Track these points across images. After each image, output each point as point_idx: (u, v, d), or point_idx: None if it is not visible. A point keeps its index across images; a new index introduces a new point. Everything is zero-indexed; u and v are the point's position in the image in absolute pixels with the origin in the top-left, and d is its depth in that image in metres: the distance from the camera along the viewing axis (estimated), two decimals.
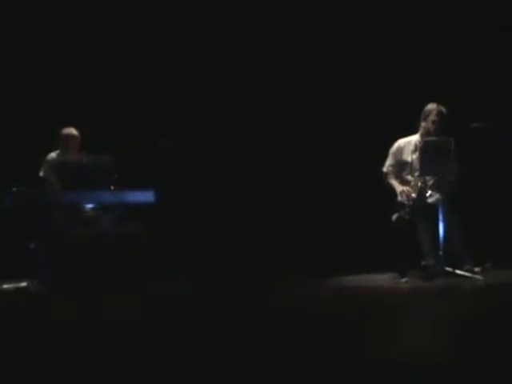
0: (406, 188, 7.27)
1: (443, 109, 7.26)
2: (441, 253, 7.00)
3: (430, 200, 7.17)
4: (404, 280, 7.01)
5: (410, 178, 7.36)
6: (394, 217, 7.18)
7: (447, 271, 6.97)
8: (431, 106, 7.29)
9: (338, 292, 6.74)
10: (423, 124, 7.35)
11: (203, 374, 3.86)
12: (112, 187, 7.14)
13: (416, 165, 7.29)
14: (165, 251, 7.37)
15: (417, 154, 7.30)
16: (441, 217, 7.04)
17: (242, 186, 8.54)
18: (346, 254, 7.60)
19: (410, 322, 4.83)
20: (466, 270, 6.99)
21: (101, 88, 8.62)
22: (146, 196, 7.14)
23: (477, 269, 7.05)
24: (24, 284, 7.14)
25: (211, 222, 8.44)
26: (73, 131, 7.67)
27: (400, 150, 7.48)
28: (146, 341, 4.41)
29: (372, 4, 8.62)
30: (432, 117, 7.27)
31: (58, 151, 7.73)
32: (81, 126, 7.75)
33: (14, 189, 6.99)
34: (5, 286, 7.20)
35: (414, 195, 7.18)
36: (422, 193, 7.17)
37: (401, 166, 7.46)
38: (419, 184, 7.19)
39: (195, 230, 8.37)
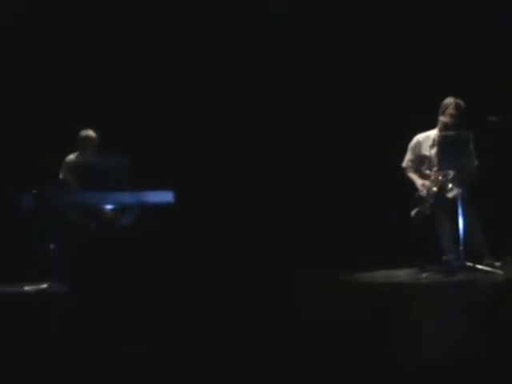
0: (426, 182, 7.25)
1: (461, 102, 7.26)
2: (461, 247, 6.97)
3: (449, 194, 7.12)
4: (425, 275, 6.98)
5: (429, 172, 7.35)
6: (414, 212, 7.18)
7: (468, 266, 6.94)
8: (449, 100, 7.29)
9: (359, 288, 6.70)
10: (441, 118, 7.35)
11: None
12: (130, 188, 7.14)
13: (435, 159, 7.29)
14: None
15: (435, 148, 7.29)
16: (460, 211, 7.01)
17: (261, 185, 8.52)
18: (366, 251, 7.59)
19: (432, 318, 4.80)
20: (486, 265, 6.96)
21: (119, 88, 8.61)
22: (165, 196, 7.11)
23: (497, 263, 7.03)
24: (45, 285, 7.18)
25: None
26: (91, 133, 7.75)
27: (419, 144, 7.48)
28: None
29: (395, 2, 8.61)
30: (450, 111, 7.27)
31: (76, 153, 7.81)
32: (99, 127, 7.79)
33: (34, 191, 6.98)
34: (26, 288, 7.24)
35: (434, 189, 7.16)
36: (442, 187, 7.14)
37: (420, 161, 7.46)
38: (439, 178, 7.18)
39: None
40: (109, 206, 7.33)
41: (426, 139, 7.46)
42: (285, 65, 8.77)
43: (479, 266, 6.93)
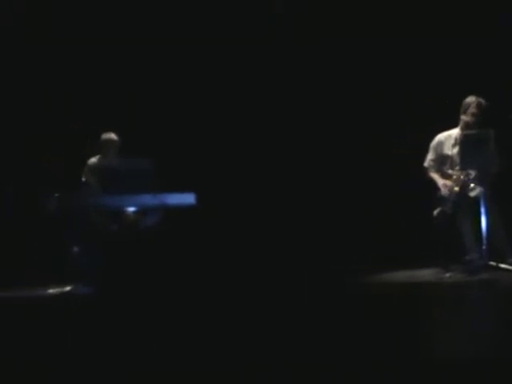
0: (448, 182, 7.20)
1: (482, 101, 7.18)
2: (484, 247, 6.90)
3: (472, 193, 7.07)
4: (448, 275, 6.92)
5: (451, 171, 7.28)
6: (436, 211, 7.12)
7: (491, 265, 6.88)
8: (470, 99, 7.22)
9: (383, 289, 6.69)
10: (463, 117, 7.27)
11: None
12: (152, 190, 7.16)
13: (457, 158, 7.21)
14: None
15: (457, 147, 7.23)
16: (483, 210, 6.94)
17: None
18: (389, 251, 7.60)
19: (455, 317, 4.77)
20: (509, 264, 6.89)
21: (141, 90, 8.66)
22: (187, 198, 7.11)
23: None
24: (69, 288, 7.24)
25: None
26: (112, 136, 7.75)
27: (440, 144, 7.41)
28: None
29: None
30: (471, 109, 7.20)
31: (98, 156, 7.82)
32: (120, 129, 7.80)
33: (57, 194, 7.04)
34: (50, 291, 7.30)
35: (456, 189, 7.09)
36: (464, 186, 7.09)
37: (442, 160, 7.38)
38: (461, 178, 7.11)
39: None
40: (131, 209, 7.34)
41: (448, 138, 7.38)
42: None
43: (502, 265, 6.86)
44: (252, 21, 8.73)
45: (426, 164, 7.46)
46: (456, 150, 7.26)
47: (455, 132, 7.37)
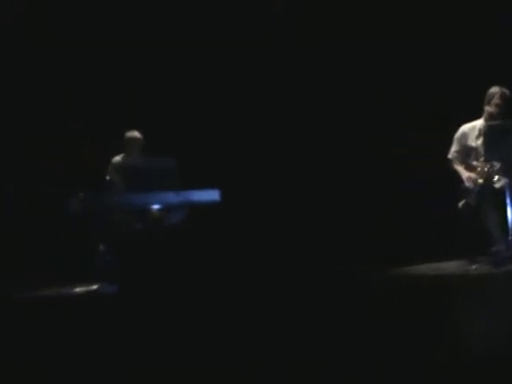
0: (472, 174, 7.12)
1: (506, 91, 7.11)
2: (510, 238, 6.82)
3: (497, 185, 6.99)
4: (474, 267, 6.86)
5: (475, 163, 7.19)
6: (461, 203, 7.05)
7: None
8: (494, 89, 7.14)
9: (410, 281, 6.65)
10: (487, 108, 7.19)
11: None
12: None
13: (481, 150, 7.12)
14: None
15: (481, 138, 7.13)
16: (508, 201, 6.86)
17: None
18: (414, 243, 7.62)
19: (482, 309, 4.75)
20: None
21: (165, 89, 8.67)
22: (212, 194, 7.10)
23: None
24: (95, 287, 7.23)
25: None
26: (136, 134, 7.72)
27: (464, 135, 7.32)
28: None
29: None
30: (495, 100, 7.11)
31: (122, 154, 7.79)
32: (143, 127, 7.78)
33: (81, 193, 6.99)
34: (76, 290, 7.32)
35: (480, 181, 6.99)
36: (488, 178, 6.99)
37: (466, 152, 7.29)
38: (486, 169, 7.00)
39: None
40: (156, 206, 7.27)
41: (472, 130, 7.29)
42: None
43: None
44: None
45: (450, 156, 7.36)
46: (480, 141, 7.16)
47: (479, 123, 7.28)
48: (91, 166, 8.57)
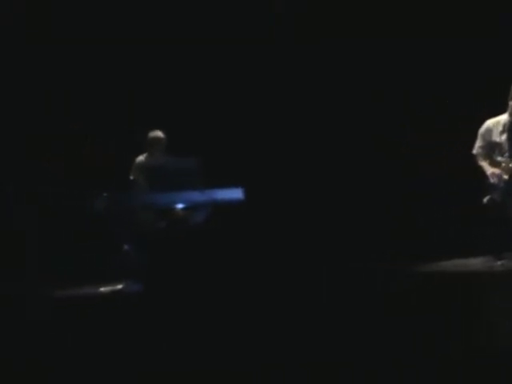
0: (496, 170, 7.06)
1: None
2: None
3: None
4: (500, 263, 6.83)
5: (500, 159, 7.13)
6: (486, 199, 7.01)
7: None
8: None
9: (436, 278, 6.67)
10: (511, 103, 7.11)
11: None
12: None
13: (505, 145, 7.08)
14: None
15: (506, 134, 7.08)
16: None
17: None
18: (437, 240, 7.67)
19: (507, 306, 4.74)
20: None
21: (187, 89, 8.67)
22: (235, 193, 7.10)
23: None
24: (120, 286, 7.25)
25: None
26: (159, 134, 7.67)
27: (489, 130, 7.23)
28: None
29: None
30: None
31: (145, 154, 7.76)
32: (167, 127, 7.75)
33: (105, 193, 7.04)
34: (101, 289, 7.34)
35: (505, 177, 6.97)
36: None
37: (490, 148, 7.20)
38: (510, 165, 6.98)
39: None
40: (179, 206, 7.28)
41: (496, 125, 7.20)
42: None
43: None
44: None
45: (474, 151, 7.27)
46: (504, 136, 7.11)
47: (504, 118, 7.20)
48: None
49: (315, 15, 8.77)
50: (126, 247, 7.33)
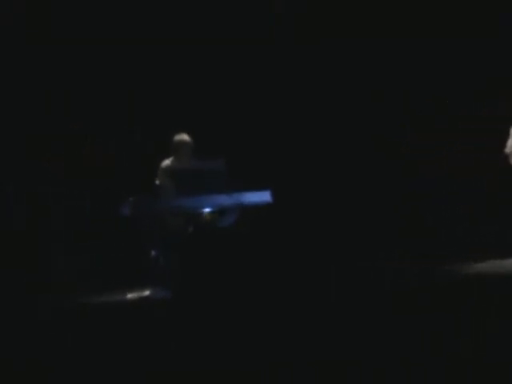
0: None
1: None
2: None
3: None
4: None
5: None
6: None
7: None
8: None
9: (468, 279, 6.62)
10: None
11: None
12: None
13: None
14: None
15: None
16: None
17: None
18: (474, 241, 7.63)
19: None
20: None
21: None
22: (264, 196, 6.88)
23: None
24: (147, 293, 7.12)
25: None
26: (185, 137, 7.42)
27: None
28: None
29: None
30: None
31: (171, 158, 7.49)
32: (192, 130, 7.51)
33: (131, 198, 6.82)
34: (129, 296, 7.23)
35: None
36: None
37: None
38: None
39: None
40: (207, 209, 7.08)
41: None
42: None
43: None
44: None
45: (507, 150, 7.20)
46: None
47: None
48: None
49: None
50: (153, 253, 7.18)
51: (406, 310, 4.84)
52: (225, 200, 6.85)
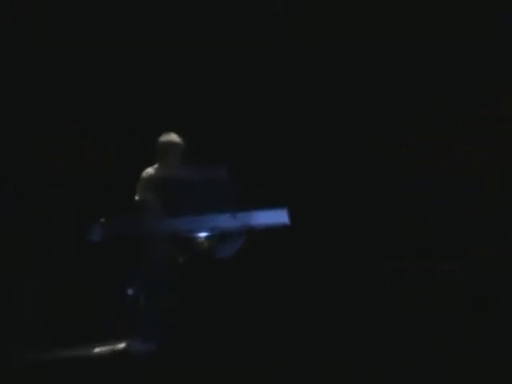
0: None
1: None
2: None
3: None
4: None
5: None
6: None
7: None
8: None
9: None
10: None
11: None
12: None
13: None
14: None
15: None
16: None
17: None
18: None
19: None
20: None
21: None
22: (278, 216, 5.48)
23: None
24: (122, 345, 5.60)
25: None
26: (174, 138, 6.02)
27: None
28: None
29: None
30: None
31: (156, 165, 5.99)
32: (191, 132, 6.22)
33: (102, 219, 5.28)
34: (97, 350, 5.66)
35: None
36: None
37: None
38: None
39: None
40: (204, 234, 5.57)
41: None
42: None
43: None
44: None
45: None
46: None
47: None
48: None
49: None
50: (130, 291, 5.69)
51: (406, 309, 4.84)
52: (228, 221, 5.34)
